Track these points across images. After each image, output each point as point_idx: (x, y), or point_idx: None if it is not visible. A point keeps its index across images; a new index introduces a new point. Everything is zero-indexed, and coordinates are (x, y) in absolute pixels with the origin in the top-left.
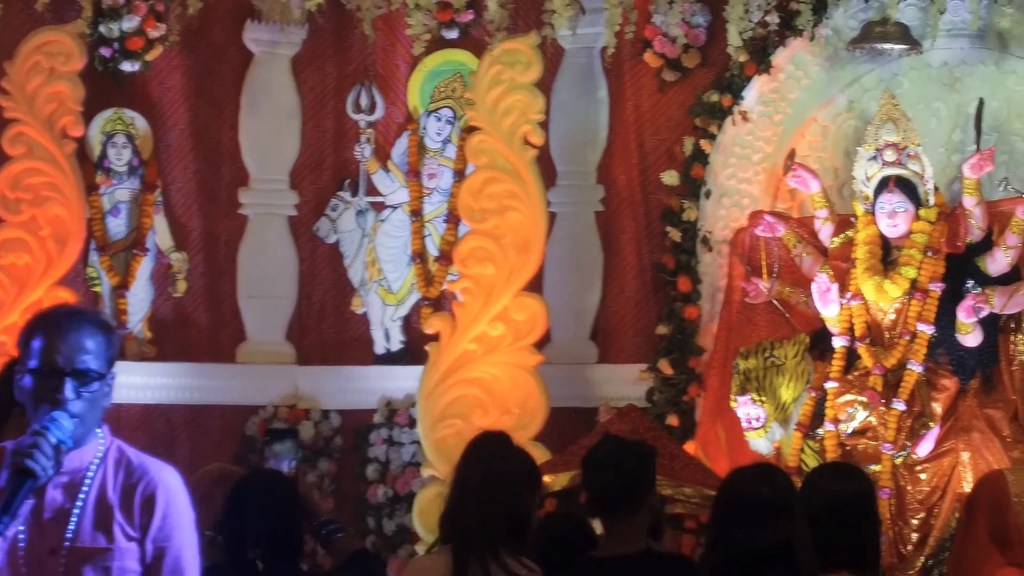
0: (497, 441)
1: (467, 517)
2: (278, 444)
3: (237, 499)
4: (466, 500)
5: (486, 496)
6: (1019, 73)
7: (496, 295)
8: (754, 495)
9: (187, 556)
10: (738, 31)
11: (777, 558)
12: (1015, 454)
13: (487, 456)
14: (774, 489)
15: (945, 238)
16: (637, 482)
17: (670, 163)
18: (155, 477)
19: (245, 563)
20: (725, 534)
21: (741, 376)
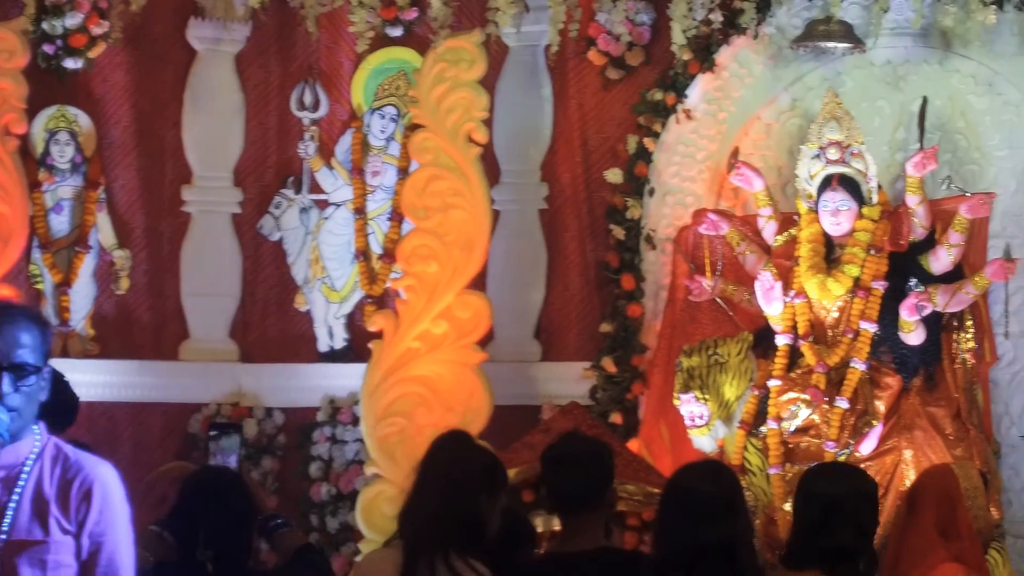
0: (458, 441)
1: (421, 515)
2: (225, 439)
3: (188, 499)
4: (421, 498)
5: (440, 495)
6: (962, 72)
7: (440, 293)
8: (699, 491)
9: (122, 552)
10: (682, 29)
11: (720, 554)
12: (957, 452)
13: (445, 455)
14: (719, 486)
15: (888, 236)
16: (599, 479)
17: (614, 161)
18: (91, 473)
19: (195, 563)
20: (670, 530)
21: (684, 374)
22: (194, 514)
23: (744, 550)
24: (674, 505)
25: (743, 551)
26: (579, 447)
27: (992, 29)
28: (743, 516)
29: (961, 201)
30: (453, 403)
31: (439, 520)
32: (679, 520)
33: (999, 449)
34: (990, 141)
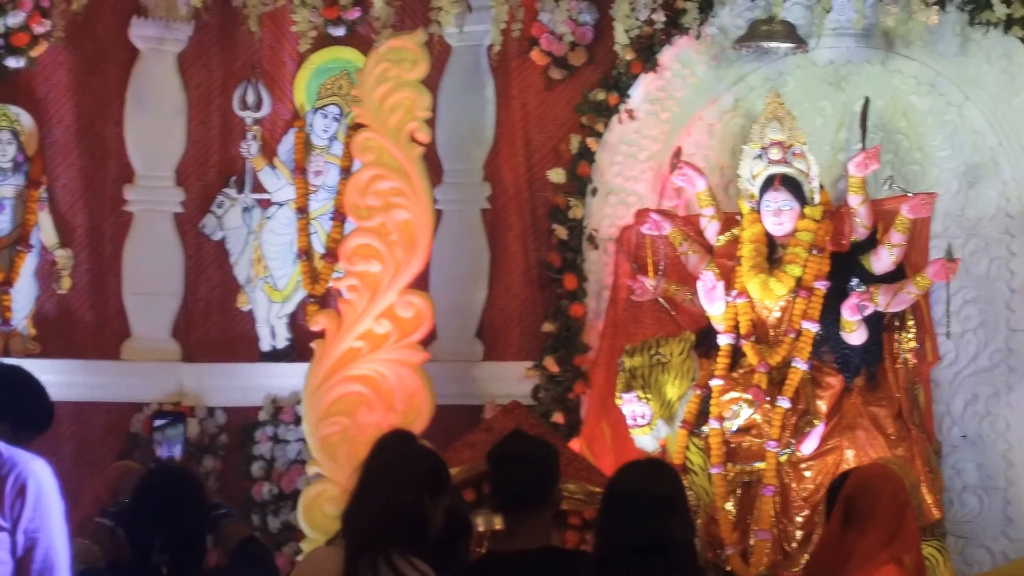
0: (401, 440)
1: (363, 514)
2: (171, 428)
3: (144, 502)
4: (364, 497)
5: (383, 495)
6: (904, 72)
7: (382, 292)
8: (638, 489)
9: (58, 547)
10: (624, 29)
11: (657, 552)
12: (899, 451)
13: (389, 455)
14: (658, 484)
15: (830, 236)
16: (545, 478)
17: (556, 161)
18: (25, 469)
19: (149, 566)
20: (609, 528)
21: (627, 373)
22: (150, 518)
23: (682, 549)
24: (613, 503)
25: (681, 550)
26: (525, 446)
27: (934, 30)
28: (682, 515)
29: (903, 201)
30: (395, 403)
31: (382, 519)
32: (617, 518)
33: (940, 449)
34: (932, 141)
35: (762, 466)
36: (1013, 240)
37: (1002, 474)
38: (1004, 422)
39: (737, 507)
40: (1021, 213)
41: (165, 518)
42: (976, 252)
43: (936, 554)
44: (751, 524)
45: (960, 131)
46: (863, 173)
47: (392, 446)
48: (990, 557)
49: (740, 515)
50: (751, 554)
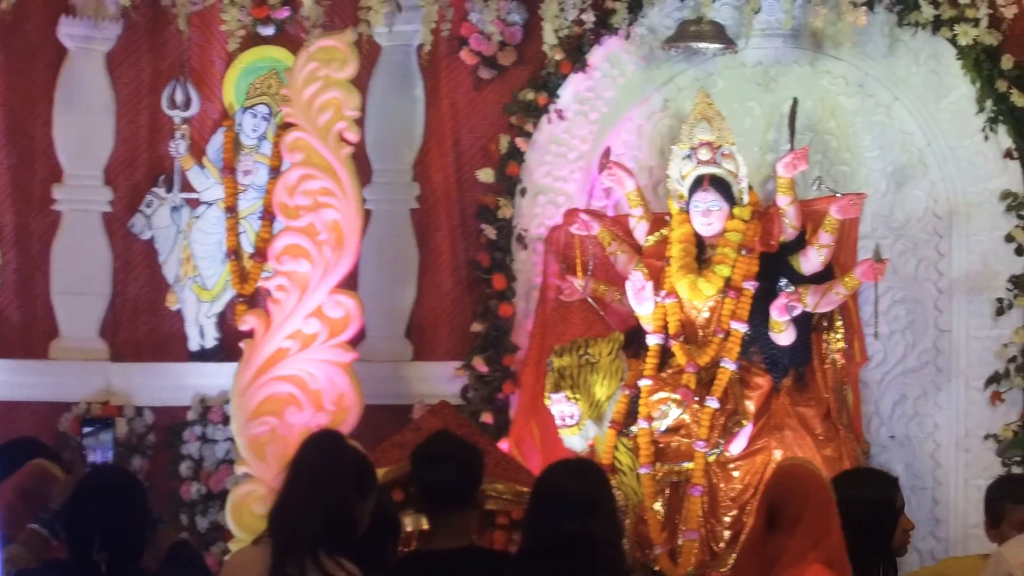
0: (328, 440)
1: (290, 515)
2: (103, 432)
3: (85, 499)
4: (290, 497)
5: (310, 495)
6: (833, 73)
7: (311, 292)
8: (562, 488)
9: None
10: (554, 29)
11: (579, 550)
12: (827, 452)
13: (316, 455)
14: (584, 483)
15: (759, 237)
16: (469, 478)
17: (486, 161)
18: None
19: (89, 563)
20: (533, 525)
21: (555, 374)
22: (91, 515)
23: (606, 548)
24: (539, 502)
25: (605, 550)
26: (450, 446)
27: (863, 31)
28: (607, 514)
29: (832, 202)
30: (324, 403)
31: (309, 519)
32: (542, 516)
33: (869, 449)
34: (861, 142)
35: (690, 466)
36: (941, 241)
37: (930, 474)
38: (932, 422)
39: (665, 507)
40: (949, 214)
41: (107, 516)
42: (904, 253)
43: None
44: (679, 524)
45: (889, 132)
46: (792, 174)
47: (319, 446)
48: (918, 557)
49: (668, 515)
50: (679, 554)
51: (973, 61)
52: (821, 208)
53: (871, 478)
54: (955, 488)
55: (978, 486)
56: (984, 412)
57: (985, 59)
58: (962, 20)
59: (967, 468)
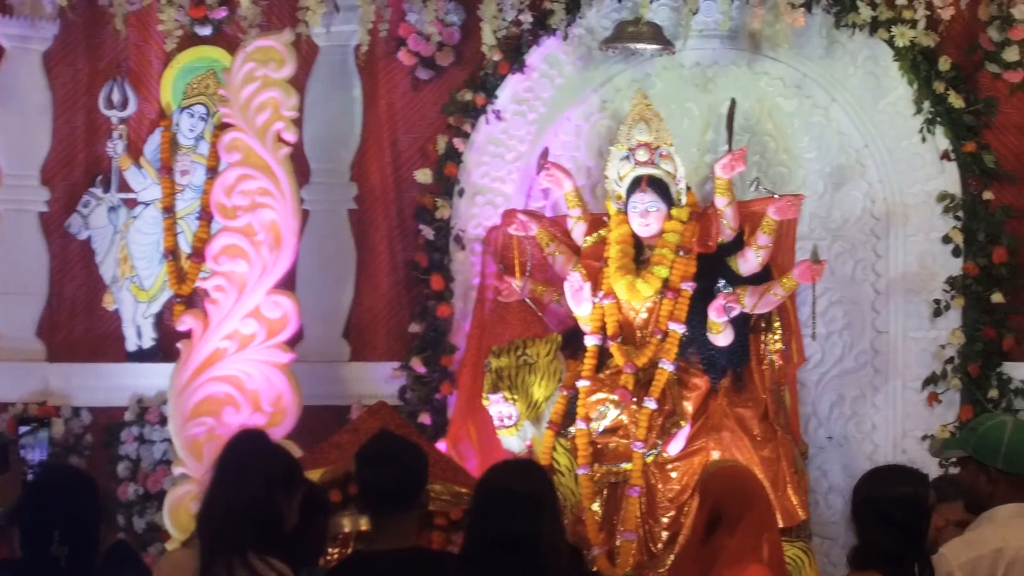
0: (253, 439)
1: (216, 515)
2: (42, 430)
3: (40, 496)
4: (217, 498)
5: (236, 495)
6: (771, 74)
7: (249, 292)
8: (506, 487)
9: None
10: (492, 30)
11: (522, 549)
12: (765, 453)
13: (241, 454)
14: (526, 483)
15: (697, 238)
16: (411, 479)
17: (424, 161)
18: None
19: (47, 558)
20: (477, 525)
21: (493, 374)
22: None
23: (549, 548)
24: (483, 500)
25: (547, 549)
26: (393, 447)
27: (800, 32)
28: (550, 514)
29: (769, 203)
30: (262, 403)
31: (235, 519)
32: (485, 516)
33: (806, 450)
34: (798, 143)
35: (628, 467)
36: (879, 242)
37: None
38: (870, 423)
39: (603, 508)
40: (887, 215)
41: (65, 511)
42: (842, 254)
43: (802, 555)
44: (617, 525)
45: (826, 133)
46: (729, 175)
47: (243, 445)
48: None
49: (606, 516)
50: (617, 554)
51: (910, 63)
52: (759, 209)
53: (906, 475)
54: None
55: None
56: (921, 413)
57: (922, 60)
58: (899, 22)
59: None
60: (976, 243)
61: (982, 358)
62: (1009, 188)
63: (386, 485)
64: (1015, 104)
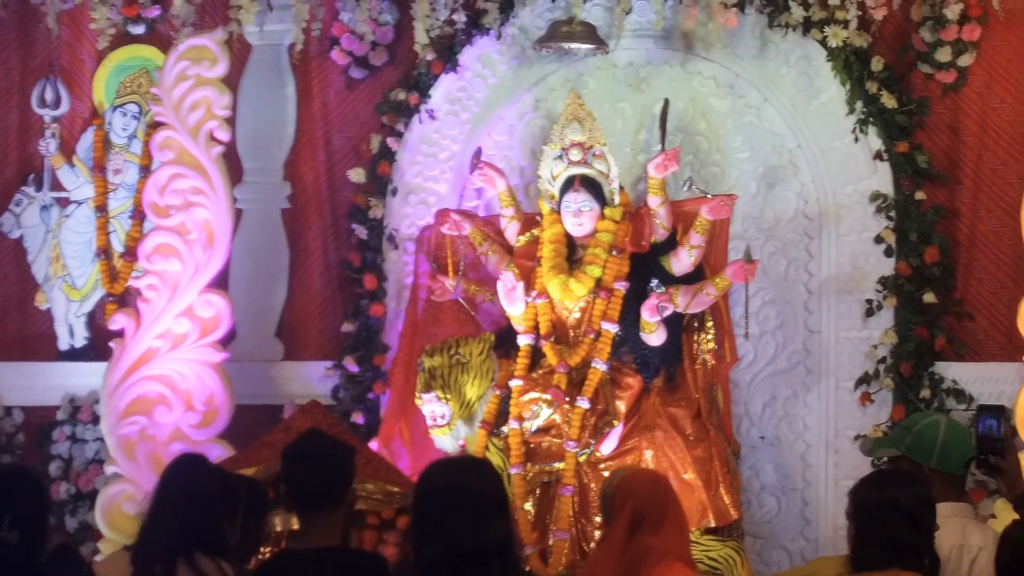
0: (193, 465)
1: (160, 545)
2: None
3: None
4: (160, 526)
5: (178, 522)
6: (704, 74)
7: (181, 291)
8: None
9: None
10: (425, 29)
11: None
12: (697, 452)
13: (183, 482)
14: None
15: (630, 237)
16: (340, 478)
17: (357, 160)
18: None
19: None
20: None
21: (426, 374)
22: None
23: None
24: (449, 503)
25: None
26: (321, 445)
27: (733, 32)
28: (508, 515)
29: (702, 203)
30: (194, 402)
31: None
32: (445, 520)
33: (739, 450)
34: (731, 143)
35: (561, 466)
36: (811, 242)
37: (800, 475)
38: (802, 423)
39: (536, 507)
40: (819, 215)
41: (12, 501)
42: (775, 254)
43: (734, 555)
44: (550, 524)
45: (759, 133)
46: (662, 174)
47: (183, 472)
48: (788, 557)
49: (539, 515)
50: (550, 554)
51: (843, 63)
52: (692, 209)
53: (908, 476)
54: (825, 488)
55: (848, 487)
56: (854, 413)
57: (855, 61)
58: (832, 22)
59: (837, 469)
60: (908, 243)
61: (914, 358)
62: (941, 188)
63: (311, 484)
64: (947, 104)
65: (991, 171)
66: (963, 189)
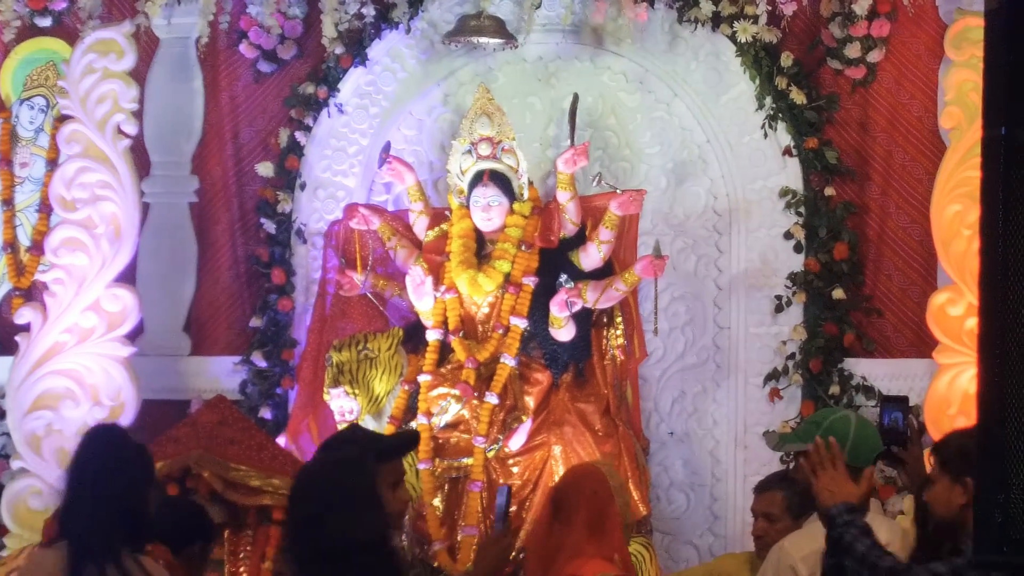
0: (112, 434)
1: (82, 515)
2: None
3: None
4: (79, 498)
5: (100, 493)
6: (613, 69)
7: (88, 285)
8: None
9: None
10: (333, 23)
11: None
12: (607, 448)
13: (101, 451)
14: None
15: (539, 232)
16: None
17: (265, 155)
18: None
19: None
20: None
21: (334, 369)
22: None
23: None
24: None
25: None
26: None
27: (643, 27)
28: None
29: (612, 198)
30: (101, 396)
31: (102, 519)
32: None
33: (648, 446)
34: (641, 138)
35: (470, 462)
36: (721, 237)
37: (709, 471)
38: (711, 419)
39: (445, 503)
40: (729, 211)
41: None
42: (684, 249)
43: (643, 551)
44: (458, 520)
45: (669, 128)
46: (572, 169)
47: (103, 442)
48: (696, 553)
49: (447, 511)
50: (458, 550)
51: (752, 58)
52: (601, 204)
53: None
54: (733, 484)
55: (756, 482)
56: (763, 408)
57: (764, 56)
58: (741, 17)
59: (746, 465)
60: (817, 239)
61: (823, 354)
62: (850, 184)
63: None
64: (857, 100)
65: (900, 167)
66: (872, 185)
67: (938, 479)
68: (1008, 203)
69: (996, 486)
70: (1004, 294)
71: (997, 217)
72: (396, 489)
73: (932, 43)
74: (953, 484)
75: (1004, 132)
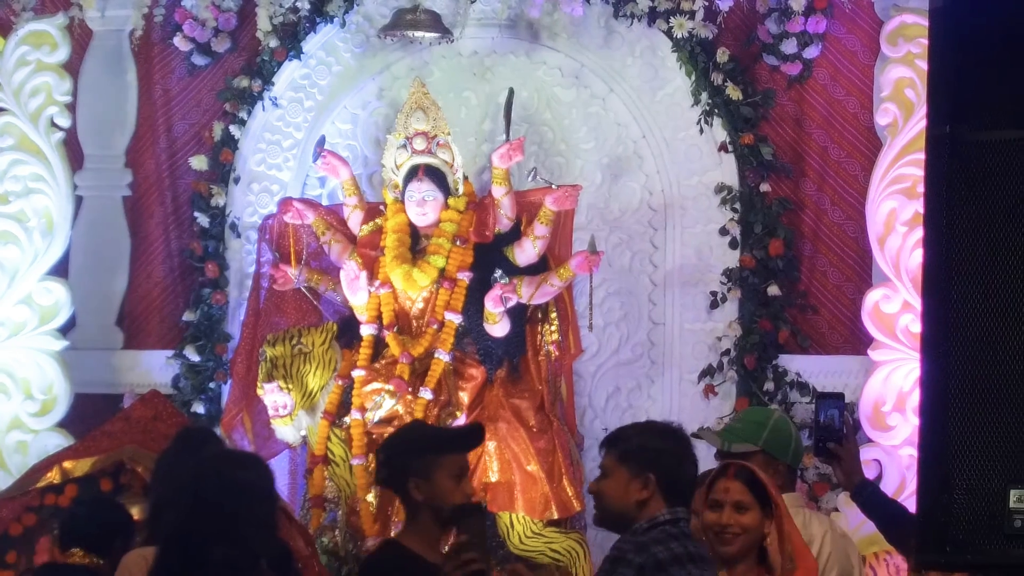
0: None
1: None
2: None
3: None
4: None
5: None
6: (549, 63)
7: (20, 279)
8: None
9: None
10: (268, 16)
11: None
12: (541, 444)
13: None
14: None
15: (474, 227)
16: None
17: (199, 148)
18: None
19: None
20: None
21: (268, 363)
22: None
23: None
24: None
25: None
26: None
27: (579, 21)
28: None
29: (547, 193)
30: (33, 391)
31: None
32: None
33: (582, 441)
34: (576, 133)
35: None
36: (656, 233)
37: None
38: (645, 415)
39: (378, 498)
40: (664, 206)
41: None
42: (619, 245)
43: (577, 547)
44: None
45: (604, 123)
46: (507, 164)
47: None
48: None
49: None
50: None
51: (688, 54)
52: (537, 199)
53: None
54: None
55: None
56: (698, 405)
57: (700, 52)
58: (678, 12)
59: None
60: (753, 235)
61: (758, 350)
62: (786, 180)
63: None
64: (792, 96)
65: (836, 164)
66: (808, 181)
67: (615, 471)
68: (952, 201)
69: (939, 487)
70: (947, 293)
71: (941, 215)
72: (460, 481)
73: (868, 40)
74: (632, 478)
75: (949, 130)
